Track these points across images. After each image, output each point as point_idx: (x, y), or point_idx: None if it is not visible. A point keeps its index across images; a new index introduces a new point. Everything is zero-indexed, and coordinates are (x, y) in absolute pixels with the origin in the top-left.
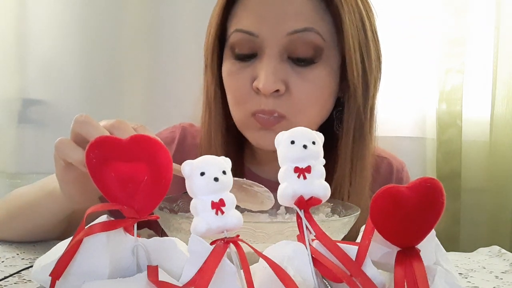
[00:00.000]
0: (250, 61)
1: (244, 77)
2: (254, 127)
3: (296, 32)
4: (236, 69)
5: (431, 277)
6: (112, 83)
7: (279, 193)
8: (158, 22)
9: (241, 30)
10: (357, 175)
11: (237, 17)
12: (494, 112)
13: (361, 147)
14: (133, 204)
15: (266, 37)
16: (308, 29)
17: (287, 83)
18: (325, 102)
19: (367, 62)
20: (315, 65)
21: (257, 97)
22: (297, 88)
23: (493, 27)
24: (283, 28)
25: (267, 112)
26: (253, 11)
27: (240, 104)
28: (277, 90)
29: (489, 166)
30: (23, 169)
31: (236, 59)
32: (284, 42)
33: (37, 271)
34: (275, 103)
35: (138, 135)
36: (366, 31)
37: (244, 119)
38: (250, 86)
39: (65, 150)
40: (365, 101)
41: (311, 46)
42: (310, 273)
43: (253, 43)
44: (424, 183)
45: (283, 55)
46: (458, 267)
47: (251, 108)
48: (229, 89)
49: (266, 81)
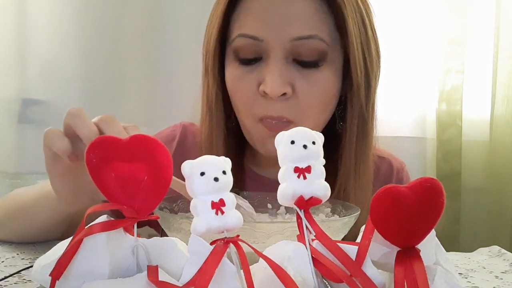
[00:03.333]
0: (255, 65)
1: (250, 81)
2: (262, 134)
3: (301, 39)
4: (240, 73)
5: (431, 277)
6: (112, 83)
7: (279, 193)
8: (158, 22)
9: (245, 35)
10: (361, 171)
11: (239, 21)
12: (494, 112)
13: (364, 143)
14: (133, 204)
15: (270, 41)
16: (312, 36)
17: (294, 85)
18: (330, 104)
19: (369, 60)
20: (321, 68)
21: (264, 101)
22: (303, 91)
23: (493, 27)
24: (288, 32)
25: (276, 118)
26: (256, 15)
27: (246, 109)
28: (284, 93)
29: (489, 166)
30: (23, 169)
31: (240, 64)
32: (289, 47)
33: (37, 271)
34: (283, 108)
35: (138, 135)
36: (366, 30)
37: (251, 125)
38: (256, 90)
39: (52, 139)
40: (367, 99)
41: (315, 52)
42: (310, 273)
43: (257, 47)
44: (424, 183)
45: (288, 57)
46: (458, 267)
47: (259, 114)
48: (234, 94)
49: (273, 85)
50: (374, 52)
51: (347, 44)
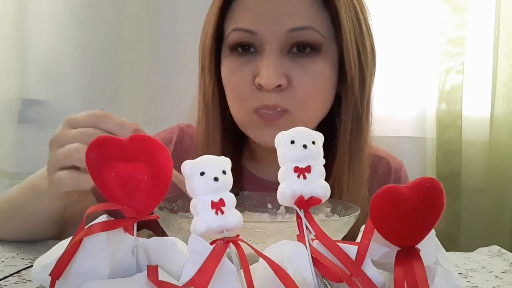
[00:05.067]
0: (250, 57)
1: (245, 74)
2: (257, 124)
3: (296, 30)
4: (235, 66)
5: (431, 277)
6: (112, 83)
7: (279, 193)
8: (158, 22)
9: (240, 29)
10: (355, 167)
11: (234, 17)
12: (494, 111)
13: (358, 139)
14: (133, 204)
15: (265, 34)
16: (307, 27)
17: (289, 77)
18: (326, 96)
19: (363, 55)
20: (316, 59)
21: (259, 93)
22: (299, 82)
23: (493, 27)
24: (282, 25)
25: (270, 107)
26: (251, 9)
27: (241, 102)
28: (279, 85)
29: (489, 166)
30: (23, 169)
31: (236, 56)
32: (284, 39)
33: (37, 271)
34: (278, 98)
35: (138, 135)
36: (361, 25)
37: (246, 117)
38: (251, 83)
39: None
40: (361, 94)
41: (311, 42)
42: (310, 273)
43: (252, 41)
44: (424, 183)
45: (283, 50)
46: (458, 267)
47: (254, 105)
48: (229, 87)
49: (268, 77)
50: (368, 47)
51: (341, 38)
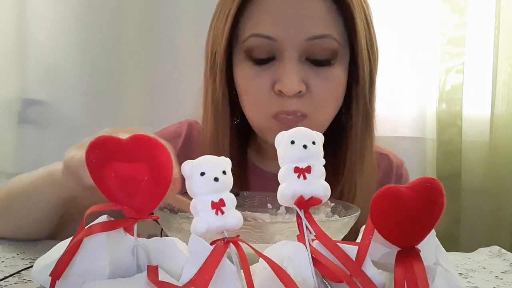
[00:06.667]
0: (268, 64)
1: (264, 80)
2: (276, 129)
3: (315, 39)
4: (254, 72)
5: (431, 277)
6: (112, 83)
7: (279, 193)
8: (158, 22)
9: (260, 35)
10: (365, 165)
11: (251, 21)
12: (494, 112)
13: (368, 138)
14: (133, 204)
15: (285, 41)
16: (326, 35)
17: (307, 83)
18: (340, 99)
19: (372, 57)
20: (333, 65)
21: (278, 99)
22: (317, 88)
23: (493, 27)
24: (302, 32)
25: (291, 112)
26: (270, 14)
27: (260, 107)
28: (299, 91)
29: (489, 166)
30: (23, 169)
31: (253, 63)
32: (303, 46)
33: (37, 271)
34: (298, 103)
35: (138, 135)
36: (370, 28)
37: (264, 121)
38: (270, 89)
39: None
40: (370, 94)
41: (329, 51)
42: (310, 273)
43: (271, 47)
44: (424, 183)
45: (301, 56)
46: (458, 267)
47: (273, 110)
48: (247, 92)
49: (290, 84)
50: (375, 49)
51: (355, 43)
